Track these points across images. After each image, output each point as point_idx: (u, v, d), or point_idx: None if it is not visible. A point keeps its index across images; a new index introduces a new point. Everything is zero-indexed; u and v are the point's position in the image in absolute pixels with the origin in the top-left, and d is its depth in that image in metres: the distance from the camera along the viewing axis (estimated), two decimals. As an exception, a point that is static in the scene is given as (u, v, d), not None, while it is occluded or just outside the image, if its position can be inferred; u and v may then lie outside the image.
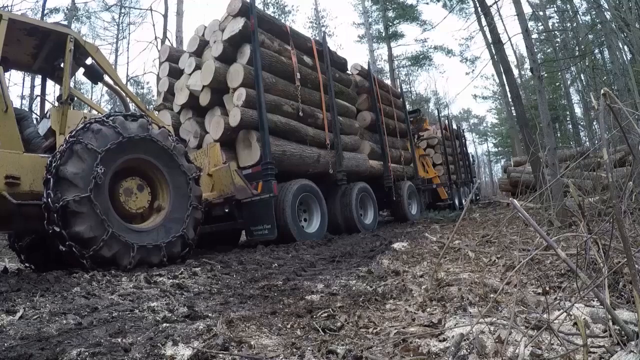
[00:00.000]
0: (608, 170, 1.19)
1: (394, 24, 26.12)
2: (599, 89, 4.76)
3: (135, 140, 3.98)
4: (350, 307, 1.86)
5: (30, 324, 1.79)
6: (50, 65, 4.89)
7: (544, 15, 19.61)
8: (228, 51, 6.48)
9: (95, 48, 4.70)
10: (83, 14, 21.67)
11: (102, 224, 3.55)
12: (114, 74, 4.92)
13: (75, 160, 3.58)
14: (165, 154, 4.23)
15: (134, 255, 3.65)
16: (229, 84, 6.36)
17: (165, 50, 7.69)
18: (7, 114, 3.77)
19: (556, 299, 1.64)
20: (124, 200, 3.97)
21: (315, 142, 7.12)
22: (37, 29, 4.28)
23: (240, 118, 6.00)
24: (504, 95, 18.65)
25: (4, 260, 5.89)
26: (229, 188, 5.22)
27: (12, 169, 3.62)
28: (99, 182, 3.60)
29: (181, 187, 4.31)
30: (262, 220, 5.62)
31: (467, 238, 4.03)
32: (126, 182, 4.06)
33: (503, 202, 10.29)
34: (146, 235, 3.89)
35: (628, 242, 1.11)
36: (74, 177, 3.50)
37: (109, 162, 3.75)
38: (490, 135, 50.04)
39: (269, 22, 7.02)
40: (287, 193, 5.95)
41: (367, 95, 9.53)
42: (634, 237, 2.10)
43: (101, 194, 3.65)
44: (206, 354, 1.30)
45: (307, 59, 7.57)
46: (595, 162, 4.05)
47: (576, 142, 15.10)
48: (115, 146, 3.80)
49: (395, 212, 9.94)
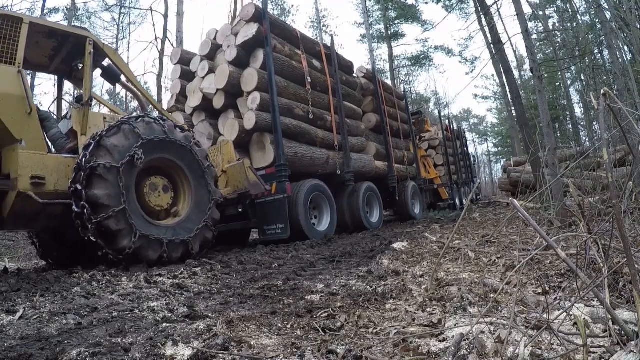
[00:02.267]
0: (608, 170, 1.19)
1: (395, 23, 26.14)
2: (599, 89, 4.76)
3: (167, 141, 4.28)
4: (350, 307, 1.86)
5: (30, 324, 1.79)
6: (67, 66, 5.03)
7: (544, 15, 19.62)
8: (242, 55, 6.69)
9: (113, 50, 4.84)
10: (83, 14, 21.68)
11: (119, 197, 3.72)
12: (132, 76, 5.06)
13: (120, 137, 3.90)
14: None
15: (134, 241, 3.72)
16: (243, 88, 6.56)
17: (177, 53, 7.81)
18: (31, 116, 3.89)
19: (556, 299, 1.64)
20: (147, 192, 4.20)
21: (325, 143, 7.37)
22: (56, 31, 4.41)
23: (255, 121, 6.22)
24: (504, 95, 18.65)
25: (4, 260, 5.89)
26: (243, 184, 5.39)
27: (38, 170, 3.78)
28: (133, 160, 3.90)
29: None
30: (275, 220, 5.84)
31: (467, 238, 4.03)
32: (154, 178, 4.30)
33: (503, 202, 10.28)
34: (155, 228, 4.00)
35: (628, 242, 1.11)
36: (113, 148, 3.79)
37: (146, 152, 4.04)
38: (490, 135, 50.03)
39: (280, 27, 7.23)
40: (299, 193, 6.16)
41: (372, 97, 9.82)
42: (634, 237, 2.10)
43: (129, 174, 3.89)
44: (206, 354, 1.30)
45: (316, 62, 7.80)
46: (595, 162, 4.05)
47: (576, 142, 15.11)
48: (157, 140, 4.16)
49: (399, 211, 10.12)
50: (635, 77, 10.89)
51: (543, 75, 5.63)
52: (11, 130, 3.73)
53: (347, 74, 8.85)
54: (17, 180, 3.65)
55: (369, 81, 9.87)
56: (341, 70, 8.38)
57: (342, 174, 7.43)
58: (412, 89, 34.82)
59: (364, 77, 9.85)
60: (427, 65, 29.09)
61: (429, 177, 13.54)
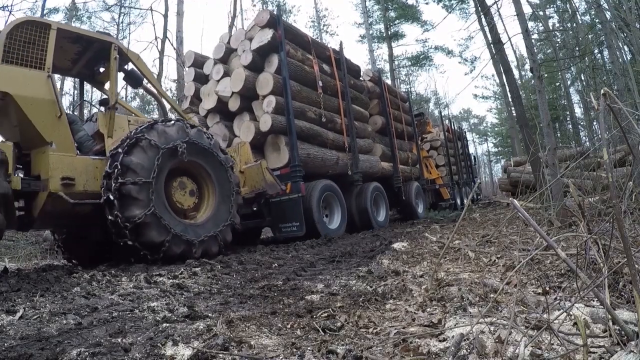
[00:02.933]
0: (608, 170, 1.19)
1: (395, 24, 26.13)
2: (599, 89, 4.75)
3: (195, 144, 4.59)
4: (350, 307, 1.86)
5: (30, 324, 1.79)
6: (90, 70, 5.23)
7: (544, 15, 19.61)
8: (257, 60, 6.93)
9: (137, 55, 5.00)
10: (83, 13, 21.65)
11: (151, 172, 4.06)
12: (154, 80, 5.27)
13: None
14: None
15: (146, 213, 3.92)
16: (258, 92, 6.80)
17: (190, 56, 7.98)
18: (60, 120, 4.05)
19: (556, 299, 1.63)
20: (174, 186, 4.49)
21: (335, 145, 7.66)
22: (82, 37, 4.59)
23: (271, 124, 6.49)
24: (504, 95, 18.63)
25: (4, 260, 5.89)
26: (260, 184, 5.65)
27: (68, 171, 3.96)
28: (175, 149, 4.31)
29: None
30: (290, 218, 6.16)
31: (467, 238, 4.02)
32: (183, 179, 4.60)
33: (503, 202, 10.28)
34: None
35: (628, 242, 1.11)
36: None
37: (173, 155, 4.35)
38: (490, 135, 50.01)
39: (293, 32, 7.47)
40: (313, 192, 6.47)
41: (378, 100, 10.18)
42: (634, 237, 2.10)
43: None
44: (206, 354, 1.30)
45: (326, 67, 8.08)
46: (595, 162, 4.05)
47: (576, 142, 15.08)
48: (190, 143, 4.51)
49: (403, 210, 10.39)
50: (635, 77, 10.89)
51: (543, 75, 5.63)
52: (42, 134, 3.89)
53: (354, 77, 9.17)
54: (48, 181, 3.82)
55: (374, 84, 10.21)
56: (349, 74, 8.70)
57: (351, 174, 7.73)
58: (412, 89, 34.79)
59: (370, 80, 10.16)
60: (427, 65, 29.11)
61: (430, 178, 13.79)
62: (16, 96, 3.74)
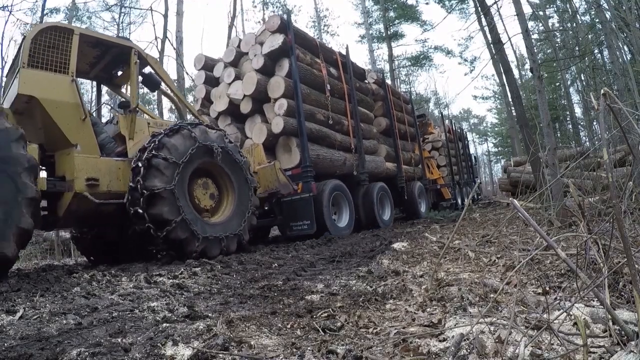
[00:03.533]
0: (608, 170, 1.19)
1: (395, 24, 26.12)
2: (599, 89, 4.75)
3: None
4: (350, 307, 1.86)
5: (30, 324, 1.79)
6: (108, 73, 5.38)
7: (544, 15, 19.59)
8: (268, 64, 7.16)
9: (155, 59, 5.16)
10: (83, 13, 21.64)
11: (182, 157, 4.26)
12: (172, 83, 5.39)
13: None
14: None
15: (166, 188, 4.07)
16: (270, 95, 7.05)
17: (201, 60, 8.11)
18: (85, 122, 4.16)
19: (556, 299, 1.63)
20: (198, 183, 4.66)
21: (342, 146, 7.91)
22: (102, 42, 4.70)
23: (283, 126, 6.75)
24: (504, 95, 18.63)
25: (4, 260, 5.89)
26: (274, 184, 5.84)
27: (92, 172, 4.09)
28: (212, 149, 4.57)
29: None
30: (302, 217, 6.37)
31: (467, 238, 4.02)
32: (208, 181, 4.76)
33: (503, 202, 10.28)
34: (187, 207, 4.33)
35: (628, 242, 1.11)
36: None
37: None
38: (490, 135, 49.98)
39: (302, 37, 7.66)
40: (323, 192, 6.72)
41: (382, 102, 10.37)
42: (634, 237, 2.10)
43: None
44: (206, 354, 1.30)
45: (333, 70, 8.30)
46: (595, 162, 4.05)
47: (576, 142, 15.07)
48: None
49: (406, 210, 10.60)
50: (635, 77, 10.88)
51: (543, 75, 5.63)
52: (67, 136, 4.00)
53: (360, 80, 9.38)
54: (74, 182, 3.94)
55: (379, 87, 10.43)
56: (355, 77, 8.95)
57: (357, 174, 7.95)
58: (412, 89, 34.79)
59: (374, 82, 10.36)
60: (427, 65, 29.11)
61: (432, 178, 13.98)
62: (42, 99, 3.82)
